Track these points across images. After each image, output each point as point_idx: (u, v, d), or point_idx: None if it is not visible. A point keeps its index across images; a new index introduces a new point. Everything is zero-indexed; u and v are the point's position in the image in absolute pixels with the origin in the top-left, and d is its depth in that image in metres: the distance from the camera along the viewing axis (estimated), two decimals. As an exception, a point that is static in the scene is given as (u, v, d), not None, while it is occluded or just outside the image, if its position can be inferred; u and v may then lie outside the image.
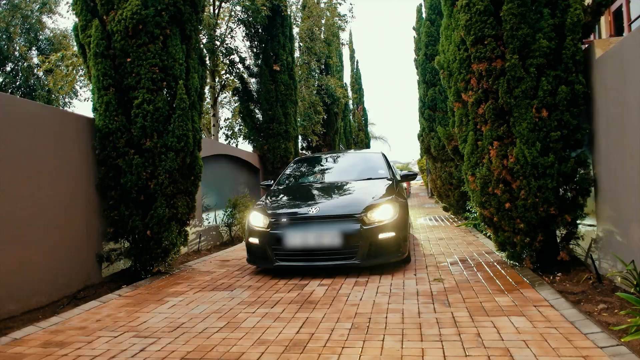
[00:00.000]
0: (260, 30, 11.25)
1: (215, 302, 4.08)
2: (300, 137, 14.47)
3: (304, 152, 15.82)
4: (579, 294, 3.62)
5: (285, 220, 5.03)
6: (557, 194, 4.12)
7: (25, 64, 17.67)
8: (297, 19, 12.75)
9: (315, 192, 5.85)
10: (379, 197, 5.21)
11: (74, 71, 9.63)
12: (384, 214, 4.96)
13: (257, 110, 11.36)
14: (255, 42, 11.45)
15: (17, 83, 17.36)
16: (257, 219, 5.26)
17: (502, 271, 4.62)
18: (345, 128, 22.56)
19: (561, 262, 4.35)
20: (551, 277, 4.16)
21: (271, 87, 10.98)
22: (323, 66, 15.70)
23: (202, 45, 7.69)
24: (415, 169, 38.48)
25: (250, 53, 11.80)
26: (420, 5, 24.69)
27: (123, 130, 5.05)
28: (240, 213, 8.74)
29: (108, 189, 5.11)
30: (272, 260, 4.98)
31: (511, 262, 4.76)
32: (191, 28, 5.63)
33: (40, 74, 18.68)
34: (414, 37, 23.71)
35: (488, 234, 7.04)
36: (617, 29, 10.47)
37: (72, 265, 4.65)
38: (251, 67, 11.63)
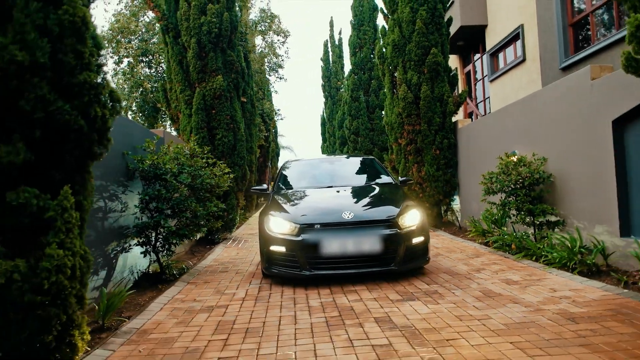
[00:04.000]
0: (230, 70, 14.73)
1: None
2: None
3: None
4: (453, 233, 8.29)
5: (318, 226, 4.76)
6: (443, 189, 8.80)
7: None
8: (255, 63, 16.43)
9: (334, 196, 5.52)
10: (402, 201, 5.17)
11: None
12: (414, 218, 4.93)
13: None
14: (226, 78, 14.89)
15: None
16: (280, 225, 4.90)
17: (418, 228, 9.23)
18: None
19: (445, 223, 9.07)
20: (441, 229, 8.82)
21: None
22: (262, 94, 19.49)
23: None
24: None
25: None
26: (327, 41, 29.87)
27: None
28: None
29: (200, 188, 8.52)
30: (304, 269, 4.67)
31: (421, 224, 9.38)
32: (242, 91, 9.27)
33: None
34: (321, 66, 28.85)
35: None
36: (468, 84, 16.23)
37: (188, 232, 8.03)
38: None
